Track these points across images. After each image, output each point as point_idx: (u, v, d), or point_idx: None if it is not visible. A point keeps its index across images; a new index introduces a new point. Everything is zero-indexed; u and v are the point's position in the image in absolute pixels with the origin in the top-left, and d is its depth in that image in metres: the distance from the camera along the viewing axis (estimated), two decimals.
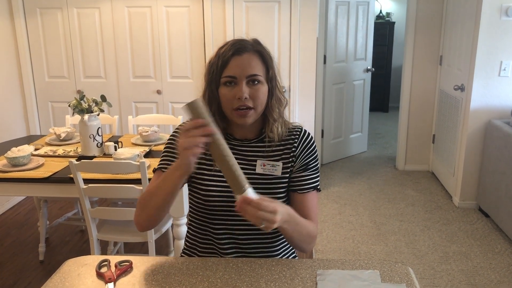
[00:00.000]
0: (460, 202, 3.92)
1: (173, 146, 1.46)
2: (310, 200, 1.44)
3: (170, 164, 1.43)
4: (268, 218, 1.15)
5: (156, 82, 4.15)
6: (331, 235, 3.47)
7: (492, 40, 3.53)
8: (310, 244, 1.41)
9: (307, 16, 3.86)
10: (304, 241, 1.38)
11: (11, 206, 4.06)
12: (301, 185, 1.44)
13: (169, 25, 4.00)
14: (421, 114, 4.69)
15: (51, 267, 3.07)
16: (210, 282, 1.25)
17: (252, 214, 1.15)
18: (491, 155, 3.57)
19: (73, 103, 2.71)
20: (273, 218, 1.16)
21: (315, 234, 1.41)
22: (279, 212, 1.18)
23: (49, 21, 4.10)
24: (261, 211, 1.14)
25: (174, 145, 1.46)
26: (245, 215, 1.16)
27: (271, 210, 1.16)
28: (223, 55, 1.36)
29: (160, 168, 1.45)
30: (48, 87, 4.27)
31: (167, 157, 1.46)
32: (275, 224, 1.17)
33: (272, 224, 1.17)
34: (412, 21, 4.49)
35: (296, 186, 1.45)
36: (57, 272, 1.32)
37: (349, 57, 5.04)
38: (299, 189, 1.44)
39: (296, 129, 1.49)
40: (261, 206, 1.14)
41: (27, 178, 2.47)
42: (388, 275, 1.27)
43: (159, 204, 1.33)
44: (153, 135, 3.07)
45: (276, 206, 1.18)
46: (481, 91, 3.65)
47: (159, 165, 1.46)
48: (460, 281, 2.85)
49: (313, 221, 1.43)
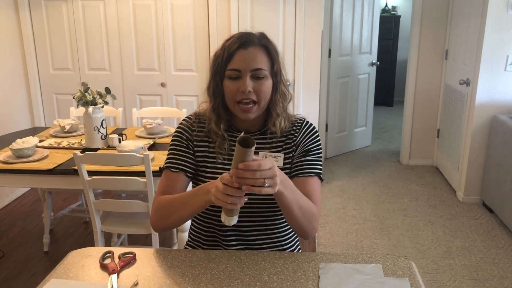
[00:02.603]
0: (464, 197, 3.91)
1: (179, 142, 1.47)
2: (312, 185, 1.41)
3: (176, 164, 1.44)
4: (268, 174, 1.12)
5: (161, 75, 4.15)
6: (334, 229, 3.47)
7: (499, 34, 3.50)
8: (311, 223, 1.35)
9: (312, 9, 3.84)
10: (305, 218, 1.32)
11: (15, 197, 4.09)
12: (302, 169, 1.42)
13: (174, 18, 3.99)
14: (426, 108, 4.68)
15: (55, 258, 3.09)
16: (213, 275, 1.25)
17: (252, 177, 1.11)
18: (496, 150, 3.56)
19: (77, 95, 2.71)
20: (273, 171, 1.13)
21: (316, 213, 1.36)
22: (275, 165, 1.15)
23: (54, 13, 4.11)
24: (259, 171, 1.11)
25: (180, 142, 1.47)
26: (245, 182, 1.12)
27: (269, 166, 1.13)
28: (229, 48, 1.36)
29: (168, 167, 1.45)
30: (52, 79, 4.28)
31: (173, 155, 1.46)
32: (276, 178, 1.14)
33: (275, 179, 1.14)
34: (418, 15, 4.46)
35: (297, 171, 1.43)
36: (61, 263, 1.33)
37: (354, 50, 5.02)
38: (300, 173, 1.42)
39: (298, 121, 1.49)
40: (260, 166, 1.11)
41: (31, 169, 2.48)
42: (391, 269, 1.27)
43: (184, 217, 1.36)
44: (157, 128, 3.07)
45: (271, 160, 1.15)
46: (486, 86, 3.62)
47: (166, 163, 1.46)
48: (463, 276, 2.85)
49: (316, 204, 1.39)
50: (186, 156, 1.45)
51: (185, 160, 1.45)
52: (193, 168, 1.46)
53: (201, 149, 1.46)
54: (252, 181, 1.11)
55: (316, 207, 1.38)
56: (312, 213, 1.35)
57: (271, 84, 1.39)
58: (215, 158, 1.44)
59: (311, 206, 1.35)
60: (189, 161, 1.45)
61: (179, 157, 1.45)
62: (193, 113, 1.52)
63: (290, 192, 1.26)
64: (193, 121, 1.49)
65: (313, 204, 1.37)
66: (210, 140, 1.45)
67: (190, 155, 1.46)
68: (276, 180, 1.14)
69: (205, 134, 1.46)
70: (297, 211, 1.30)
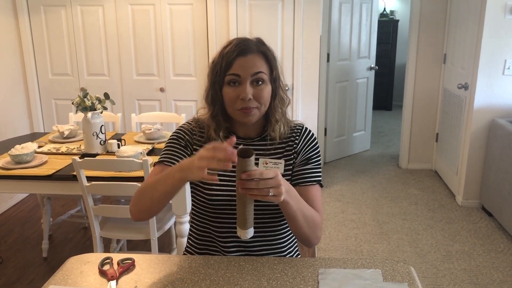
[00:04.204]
0: (463, 201, 3.91)
1: (176, 140, 1.46)
2: (314, 193, 1.43)
3: (171, 158, 1.43)
4: (272, 183, 1.14)
5: (159, 80, 4.15)
6: (333, 233, 3.47)
7: (496, 38, 3.51)
8: (315, 232, 1.37)
9: (310, 14, 3.85)
10: (309, 227, 1.33)
11: (14, 203, 4.08)
12: (304, 178, 1.44)
13: (173, 23, 4.00)
14: (425, 112, 4.68)
15: (54, 264, 3.09)
16: (212, 280, 1.25)
17: (256, 187, 1.13)
18: (494, 154, 3.56)
19: (76, 100, 2.71)
20: (277, 181, 1.15)
21: (319, 222, 1.38)
22: (279, 175, 1.16)
23: (52, 18, 4.11)
24: (263, 180, 1.13)
25: (178, 141, 1.46)
26: (250, 192, 1.13)
27: (272, 175, 1.14)
28: (227, 55, 1.35)
29: (162, 161, 1.44)
30: (51, 85, 4.28)
31: (169, 150, 1.46)
32: (281, 187, 1.16)
33: (279, 188, 1.15)
34: (416, 19, 4.47)
35: (298, 180, 1.44)
36: (60, 269, 1.32)
37: (352, 55, 5.03)
38: (302, 182, 1.43)
39: (297, 127, 1.50)
40: (263, 175, 1.13)
41: (30, 175, 2.48)
42: (390, 274, 1.27)
43: (155, 199, 1.31)
44: (156, 133, 3.07)
45: (274, 170, 1.17)
46: (485, 90, 3.63)
47: (161, 157, 1.46)
48: (463, 280, 2.84)
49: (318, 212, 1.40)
50: (182, 154, 1.45)
51: (180, 158, 1.44)
52: None
53: None
54: (257, 190, 1.13)
55: (319, 214, 1.40)
56: (316, 222, 1.37)
57: (270, 90, 1.39)
58: None
59: (315, 214, 1.37)
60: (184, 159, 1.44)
61: (174, 153, 1.44)
62: (193, 119, 1.52)
63: (295, 201, 1.28)
64: (194, 126, 1.49)
65: (316, 212, 1.39)
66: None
67: (186, 156, 1.45)
68: (281, 189, 1.16)
69: (205, 140, 1.46)
70: (302, 220, 1.31)
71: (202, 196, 1.43)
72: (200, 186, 1.45)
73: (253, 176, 1.12)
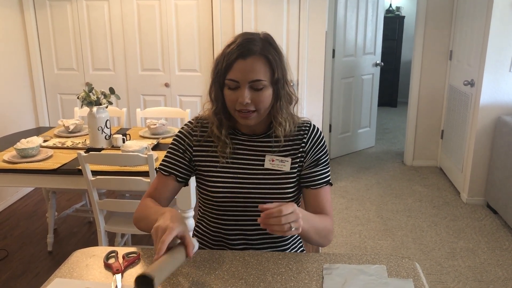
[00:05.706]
0: (468, 198, 3.90)
1: (176, 146, 1.48)
2: (324, 195, 1.45)
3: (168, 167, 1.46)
4: (292, 218, 1.17)
5: (165, 75, 4.15)
6: (338, 229, 3.47)
7: (503, 35, 3.49)
8: (327, 237, 1.42)
9: (316, 9, 3.84)
10: (321, 237, 1.38)
11: (20, 197, 4.10)
12: (314, 181, 1.44)
13: (178, 18, 4.00)
14: (430, 109, 4.66)
15: (59, 257, 3.10)
16: (216, 275, 1.25)
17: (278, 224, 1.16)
18: (500, 151, 3.54)
19: (81, 95, 2.72)
20: (296, 214, 1.18)
21: (331, 228, 1.43)
22: (296, 207, 1.20)
23: (58, 13, 4.12)
24: (284, 216, 1.16)
25: (177, 147, 1.48)
26: (272, 228, 1.17)
27: (291, 210, 1.17)
28: (228, 56, 1.33)
29: (160, 169, 1.48)
30: (57, 79, 4.29)
31: (169, 158, 1.49)
32: (300, 220, 1.19)
33: (299, 221, 1.18)
34: (422, 16, 4.45)
35: (308, 182, 1.45)
36: (65, 262, 1.33)
37: (358, 51, 5.01)
38: (312, 184, 1.44)
39: (305, 124, 1.48)
40: (282, 212, 1.15)
41: (35, 169, 2.49)
42: (394, 270, 1.27)
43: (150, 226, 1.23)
44: (161, 128, 3.08)
45: (288, 204, 1.19)
46: (491, 87, 3.61)
47: (161, 164, 1.49)
48: (467, 278, 2.84)
49: (329, 215, 1.44)
50: (180, 161, 1.47)
51: (177, 165, 1.46)
52: (186, 174, 1.48)
53: (202, 153, 1.46)
54: (278, 227, 1.17)
55: (329, 218, 1.43)
56: (328, 229, 1.41)
57: (271, 93, 1.37)
58: (217, 161, 1.44)
59: (327, 223, 1.41)
60: (182, 167, 1.47)
61: (173, 161, 1.47)
62: (195, 118, 1.52)
63: (309, 224, 1.31)
64: (194, 126, 1.49)
65: (327, 217, 1.42)
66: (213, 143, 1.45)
67: (185, 161, 1.47)
68: (300, 222, 1.20)
69: (208, 135, 1.46)
70: (315, 235, 1.36)
71: (206, 191, 1.44)
72: (203, 183, 1.45)
73: (272, 216, 1.15)
